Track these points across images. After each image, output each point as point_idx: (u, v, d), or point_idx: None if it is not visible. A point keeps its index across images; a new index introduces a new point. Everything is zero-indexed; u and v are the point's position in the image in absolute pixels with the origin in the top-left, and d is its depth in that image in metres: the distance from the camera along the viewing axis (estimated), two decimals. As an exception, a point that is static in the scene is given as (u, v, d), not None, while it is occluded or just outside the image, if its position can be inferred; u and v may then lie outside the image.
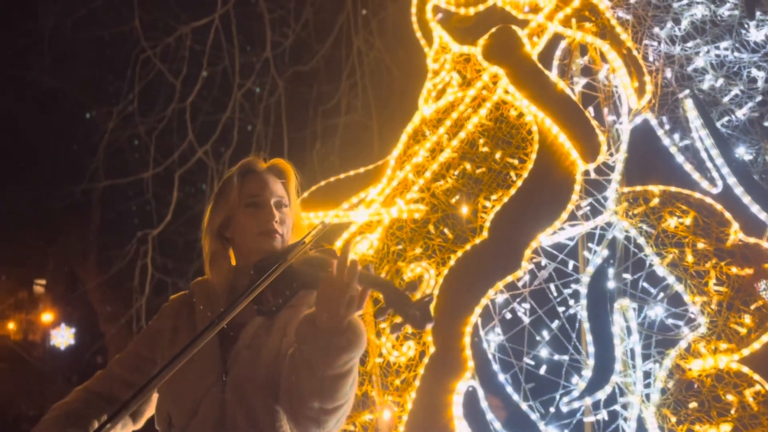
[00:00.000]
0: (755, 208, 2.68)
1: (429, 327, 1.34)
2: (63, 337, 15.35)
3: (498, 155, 2.94)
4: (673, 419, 2.49)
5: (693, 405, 2.50)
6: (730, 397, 2.46)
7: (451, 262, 2.76)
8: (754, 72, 2.85)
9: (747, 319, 2.53)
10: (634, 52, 2.95)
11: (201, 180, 7.59)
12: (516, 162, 2.91)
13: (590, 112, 2.94)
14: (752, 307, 2.54)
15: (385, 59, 7.75)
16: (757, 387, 2.45)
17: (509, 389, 2.62)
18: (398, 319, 1.40)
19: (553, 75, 3.00)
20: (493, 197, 2.87)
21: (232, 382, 1.57)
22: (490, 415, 2.57)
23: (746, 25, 2.92)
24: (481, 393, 2.59)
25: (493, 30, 3.10)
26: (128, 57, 7.06)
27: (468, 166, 2.95)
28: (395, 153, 3.07)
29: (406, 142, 3.08)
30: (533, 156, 2.89)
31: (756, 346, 2.49)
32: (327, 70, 8.15)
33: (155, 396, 1.67)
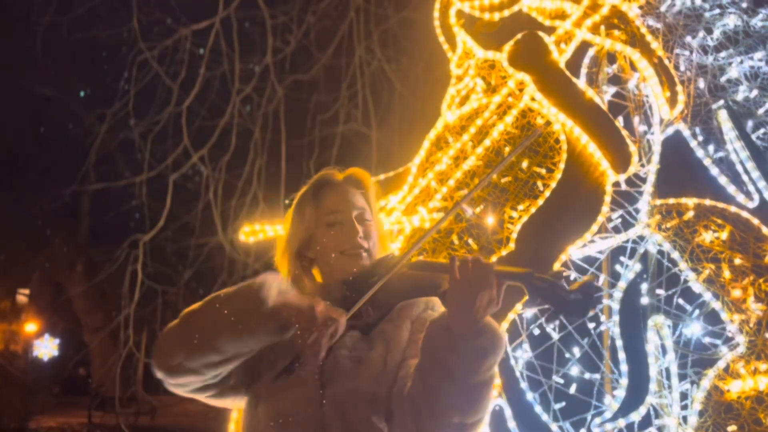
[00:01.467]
0: (793, 224, 2.58)
1: (591, 313, 1.24)
2: (46, 348, 15.01)
3: (525, 164, 2.83)
4: (712, 443, 2.38)
5: (732, 428, 2.38)
6: (771, 421, 2.35)
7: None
8: (789, 84, 2.78)
9: (787, 338, 2.43)
10: (666, 61, 2.87)
11: (196, 186, 7.43)
12: (543, 171, 2.80)
13: (620, 121, 2.85)
14: (793, 326, 2.44)
15: (387, 70, 7.67)
16: (800, 410, 2.35)
17: (538, 409, 2.49)
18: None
19: (581, 83, 2.91)
20: (520, 207, 2.76)
21: (331, 394, 1.45)
22: (518, 437, 2.43)
23: (780, 37, 2.85)
24: (508, 412, 2.47)
25: (519, 36, 3.00)
26: (125, 59, 6.92)
27: (494, 175, 2.83)
28: (417, 160, 2.95)
29: (429, 149, 2.96)
30: (561, 165, 2.78)
31: (797, 367, 2.39)
32: (327, 79, 8.06)
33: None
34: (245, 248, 7.65)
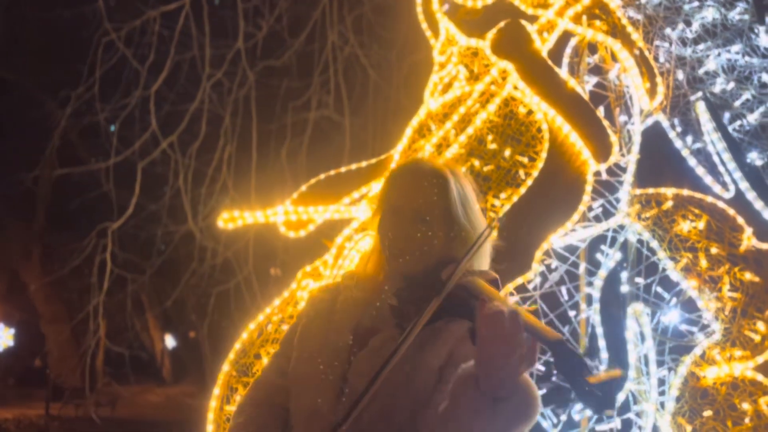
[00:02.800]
0: (767, 214, 2.65)
1: (607, 413, 1.12)
2: (1, 339, 14.59)
3: (507, 153, 2.83)
4: (689, 428, 2.43)
5: (708, 413, 2.44)
6: (745, 406, 2.42)
7: (459, 263, 2.63)
8: (765, 77, 2.84)
9: (761, 326, 2.50)
10: (646, 53, 2.90)
11: (164, 172, 7.27)
12: (525, 160, 2.81)
13: (601, 111, 2.87)
14: (766, 313, 2.51)
15: (360, 56, 7.60)
16: (772, 395, 2.42)
17: (520, 396, 2.51)
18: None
19: (563, 73, 2.92)
20: (503, 195, 2.77)
21: (351, 389, 1.40)
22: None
23: (756, 30, 2.90)
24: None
25: (502, 24, 3.00)
26: (90, 40, 6.70)
27: (476, 162, 2.83)
28: (400, 147, 2.93)
29: (411, 136, 2.94)
30: (543, 155, 2.79)
31: (770, 353, 2.46)
32: (299, 65, 7.95)
33: None
34: (215, 236, 7.55)
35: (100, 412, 10.41)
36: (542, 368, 2.58)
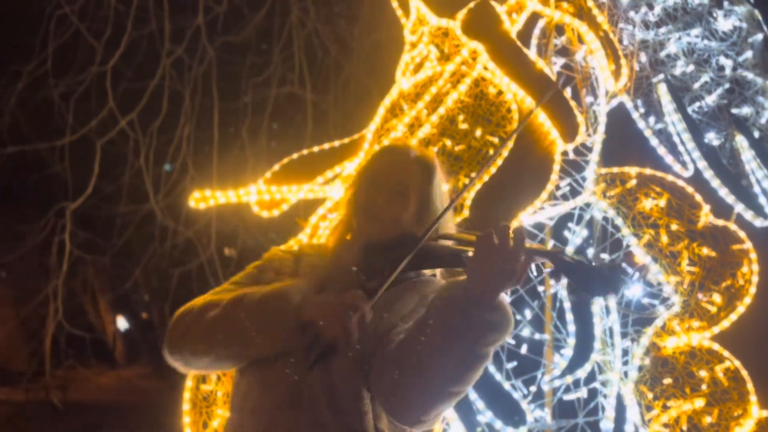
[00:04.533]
0: (723, 192, 2.78)
1: (614, 296, 1.26)
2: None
3: (478, 133, 2.89)
4: (650, 395, 2.56)
5: (668, 381, 2.58)
6: (702, 373, 2.56)
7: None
8: (722, 60, 2.95)
9: (717, 298, 2.64)
10: (611, 35, 2.98)
11: (122, 151, 7.10)
12: (496, 140, 2.87)
13: (568, 92, 2.95)
14: (722, 286, 2.65)
15: (321, 32, 7.53)
16: (727, 363, 2.57)
17: (492, 369, 2.60)
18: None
19: (532, 54, 2.98)
20: (474, 175, 2.83)
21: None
22: (473, 396, 2.53)
23: (714, 15, 3.01)
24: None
25: (472, 4, 3.03)
26: (41, 14, 6.45)
27: (448, 142, 2.88)
28: (372, 127, 2.96)
29: (384, 116, 2.96)
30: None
31: (725, 324, 2.60)
32: (261, 41, 7.83)
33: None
34: (176, 215, 7.44)
35: (50, 397, 10.20)
36: (512, 342, 2.67)
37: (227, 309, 1.48)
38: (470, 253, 1.33)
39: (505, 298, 1.39)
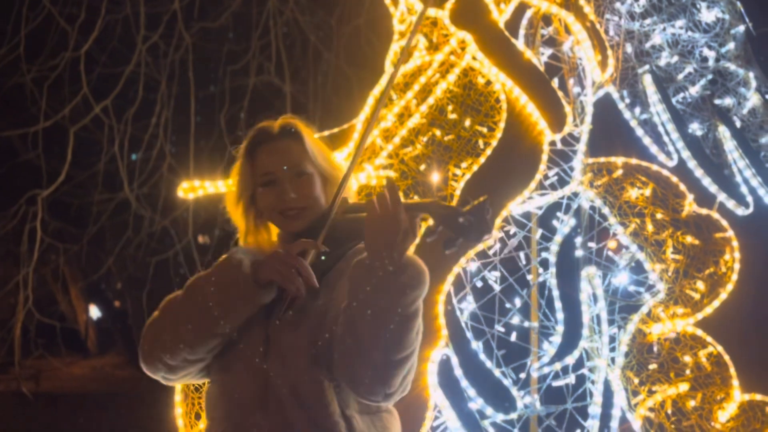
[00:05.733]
0: (706, 181, 2.84)
1: (487, 238, 1.29)
2: None
3: (467, 122, 2.90)
4: (636, 380, 2.62)
5: (653, 366, 2.64)
6: (686, 359, 2.63)
7: (422, 230, 2.70)
8: (706, 51, 3.01)
9: (700, 285, 2.70)
10: (597, 26, 3.01)
11: (97, 137, 6.96)
12: (485, 130, 2.89)
13: (555, 83, 2.97)
14: (705, 273, 2.72)
15: (299, 20, 7.46)
16: (710, 348, 2.64)
17: (482, 356, 2.63)
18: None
19: (519, 44, 3.00)
20: (463, 165, 2.85)
21: (273, 348, 1.46)
22: (464, 383, 2.57)
23: (698, 6, 3.06)
24: (455, 360, 2.58)
25: (460, -6, 3.03)
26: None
27: (438, 132, 2.89)
28: (362, 116, 2.95)
29: (373, 106, 2.96)
30: (502, 125, 2.88)
31: (708, 310, 2.67)
32: (237, 28, 7.72)
33: None
34: (153, 203, 7.33)
35: (22, 387, 10.02)
36: (502, 329, 2.70)
37: (185, 298, 1.51)
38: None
39: (415, 255, 1.46)
